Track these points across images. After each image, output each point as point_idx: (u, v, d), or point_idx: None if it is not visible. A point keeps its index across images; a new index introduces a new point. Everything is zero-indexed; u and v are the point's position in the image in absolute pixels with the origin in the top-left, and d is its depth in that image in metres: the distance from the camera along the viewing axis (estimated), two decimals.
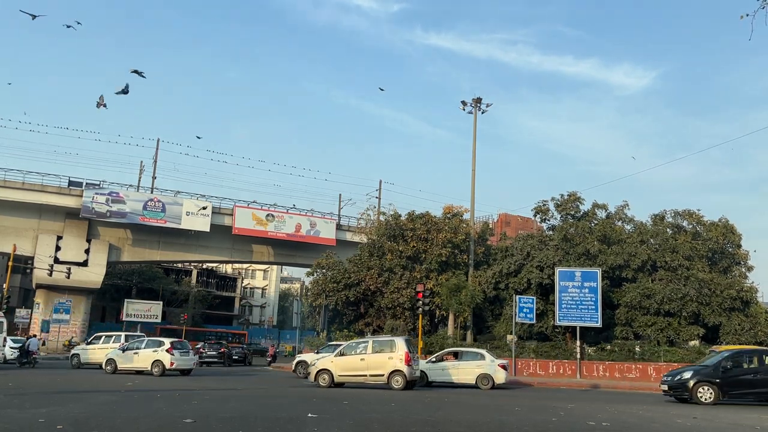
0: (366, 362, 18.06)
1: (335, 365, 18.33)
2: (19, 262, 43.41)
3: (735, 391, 15.87)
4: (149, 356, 22.21)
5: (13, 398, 12.31)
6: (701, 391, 15.55)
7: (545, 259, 30.60)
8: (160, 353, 21.99)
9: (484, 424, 9.90)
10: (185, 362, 22.84)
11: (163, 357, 21.85)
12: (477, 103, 35.43)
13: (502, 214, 57.00)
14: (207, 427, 8.47)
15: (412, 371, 17.64)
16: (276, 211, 48.93)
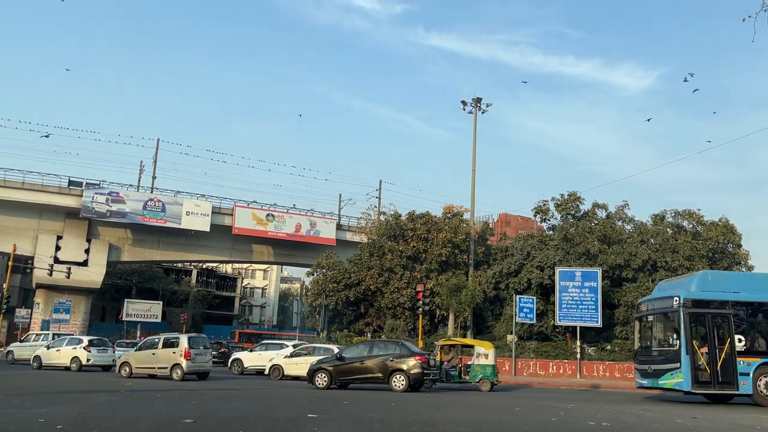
0: (156, 356, 20.36)
1: (133, 359, 20.82)
2: (19, 262, 43.40)
3: (343, 378, 17.51)
4: (69, 353, 24.23)
5: (13, 398, 12.30)
6: (318, 377, 17.56)
7: (545, 259, 30.61)
8: (78, 350, 24.12)
9: (484, 424, 9.90)
10: (103, 359, 24.87)
11: (81, 354, 23.98)
12: (477, 103, 35.44)
13: (502, 214, 57.03)
14: (207, 427, 8.47)
15: (190, 365, 19.79)
16: (276, 211, 48.92)
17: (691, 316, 15.12)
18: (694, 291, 15.80)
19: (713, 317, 15.20)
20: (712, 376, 14.76)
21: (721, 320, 15.20)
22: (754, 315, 15.65)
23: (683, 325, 15.04)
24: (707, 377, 14.77)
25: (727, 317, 15.11)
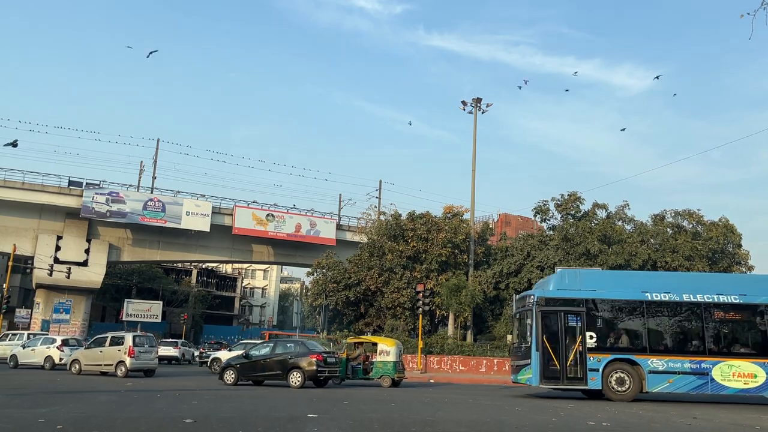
0: (103, 354, 21.25)
1: (83, 356, 21.80)
2: (19, 262, 43.41)
3: (248, 374, 18.34)
4: (43, 352, 25.08)
5: (13, 398, 12.31)
6: (227, 374, 18.47)
7: (545, 259, 30.62)
8: (51, 349, 24.96)
9: (484, 424, 9.90)
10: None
11: (54, 353, 24.76)
12: (477, 103, 35.45)
13: (502, 214, 57.04)
14: (207, 427, 8.47)
15: (134, 362, 20.60)
16: (276, 211, 48.91)
17: (543, 314, 15.62)
18: (550, 290, 16.36)
19: (566, 315, 15.58)
20: (561, 372, 15.23)
21: (574, 318, 15.53)
22: (606, 312, 16.00)
23: (535, 322, 15.61)
24: (556, 373, 15.24)
25: (579, 315, 15.50)
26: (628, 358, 15.26)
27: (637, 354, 15.33)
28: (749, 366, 14.97)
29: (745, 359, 15.08)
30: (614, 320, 16.11)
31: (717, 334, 15.72)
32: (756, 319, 15.59)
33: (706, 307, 15.60)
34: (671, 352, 15.50)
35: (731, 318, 15.82)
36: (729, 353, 15.34)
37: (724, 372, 14.96)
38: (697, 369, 15.04)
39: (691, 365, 15.10)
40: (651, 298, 15.71)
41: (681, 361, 15.15)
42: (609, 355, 15.24)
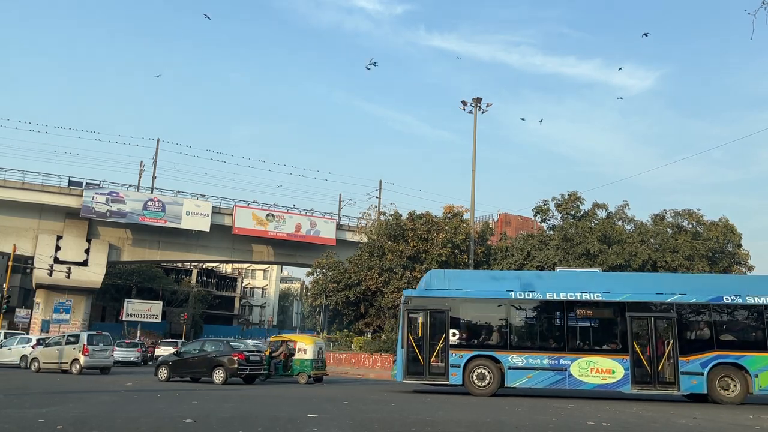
0: (60, 353, 22.08)
1: (41, 355, 22.71)
2: (19, 262, 43.41)
3: (179, 371, 19.20)
4: (19, 351, 25.89)
5: (13, 398, 12.31)
6: (161, 371, 19.32)
7: (545, 259, 30.60)
8: (27, 349, 25.67)
9: (484, 424, 9.90)
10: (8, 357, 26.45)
11: (29, 352, 25.14)
12: (477, 103, 35.42)
13: (502, 214, 57.04)
14: (207, 427, 8.47)
15: (88, 360, 21.59)
16: (276, 211, 48.92)
17: (409, 312, 16.27)
18: (420, 289, 17.23)
19: (431, 313, 16.17)
20: (425, 368, 15.84)
21: (439, 316, 16.12)
22: (470, 311, 16.50)
23: (401, 321, 16.41)
24: (420, 368, 15.87)
25: (444, 313, 16.09)
26: (489, 354, 15.77)
27: (498, 350, 15.80)
28: (607, 362, 15.33)
29: (603, 355, 15.45)
30: (477, 318, 16.63)
31: (577, 331, 16.07)
32: (616, 316, 15.89)
33: (567, 305, 15.97)
34: (532, 348, 15.92)
35: (591, 315, 16.17)
36: (588, 350, 15.69)
37: (582, 368, 15.35)
38: (556, 365, 15.48)
39: (549, 361, 15.55)
40: (514, 297, 16.20)
41: (540, 357, 15.62)
42: (471, 352, 15.81)
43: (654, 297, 15.80)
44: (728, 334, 15.65)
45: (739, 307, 15.58)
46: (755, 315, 15.50)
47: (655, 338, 15.42)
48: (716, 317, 15.62)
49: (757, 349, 15.09)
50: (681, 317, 15.54)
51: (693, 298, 15.70)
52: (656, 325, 15.52)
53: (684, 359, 15.08)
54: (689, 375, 14.98)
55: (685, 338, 15.39)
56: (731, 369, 14.99)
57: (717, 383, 14.95)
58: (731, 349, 15.22)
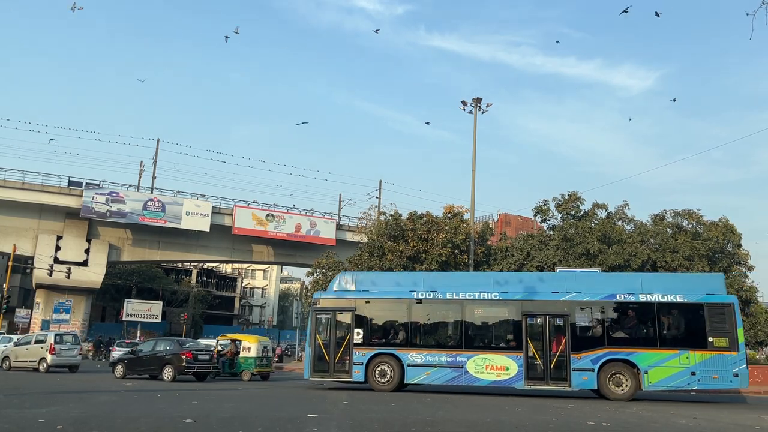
0: (29, 351, 22.95)
1: (12, 353, 23.52)
2: (19, 262, 43.41)
3: (134, 369, 20.25)
4: (1, 351, 25.99)
5: (13, 398, 12.31)
6: (117, 368, 20.45)
7: (545, 259, 30.61)
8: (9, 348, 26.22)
9: (484, 424, 9.90)
10: None
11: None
12: (477, 103, 35.43)
13: (502, 214, 57.09)
14: (207, 427, 8.46)
15: (55, 359, 22.51)
16: (276, 211, 48.93)
17: (317, 313, 16.98)
18: (330, 291, 17.91)
19: (338, 313, 16.83)
20: (330, 366, 16.52)
21: (345, 316, 16.76)
22: (373, 311, 17.03)
23: (310, 321, 17.18)
24: (325, 366, 16.55)
25: (350, 313, 16.70)
26: (391, 352, 16.32)
27: (399, 348, 16.32)
28: (502, 359, 15.76)
29: (498, 353, 15.92)
30: (380, 318, 17.20)
31: (474, 329, 16.55)
32: (511, 315, 16.28)
33: (465, 305, 16.41)
34: (431, 346, 16.45)
35: (488, 314, 16.69)
36: (484, 347, 16.16)
37: (477, 365, 15.83)
38: (453, 362, 15.97)
39: (447, 359, 16.05)
40: (415, 297, 16.69)
41: (438, 355, 16.14)
42: (373, 350, 16.40)
43: (550, 296, 16.14)
44: (620, 331, 15.89)
45: (631, 304, 15.79)
46: (647, 312, 15.69)
47: (549, 336, 15.76)
48: (609, 315, 15.89)
49: (648, 345, 15.33)
50: (574, 315, 15.81)
51: (587, 296, 15.99)
52: (550, 323, 15.86)
53: (576, 356, 15.38)
54: (580, 371, 15.29)
55: (577, 336, 15.66)
56: (622, 365, 15.22)
57: (608, 379, 15.21)
58: (622, 346, 15.47)
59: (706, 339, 15.01)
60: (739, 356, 14.85)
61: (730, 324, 15.05)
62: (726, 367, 14.77)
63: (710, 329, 15.03)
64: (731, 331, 14.99)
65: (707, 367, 14.82)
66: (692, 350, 14.97)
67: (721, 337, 14.95)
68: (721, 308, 15.22)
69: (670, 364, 14.97)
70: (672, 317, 15.79)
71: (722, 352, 14.85)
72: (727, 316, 15.13)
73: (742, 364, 14.84)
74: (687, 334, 15.45)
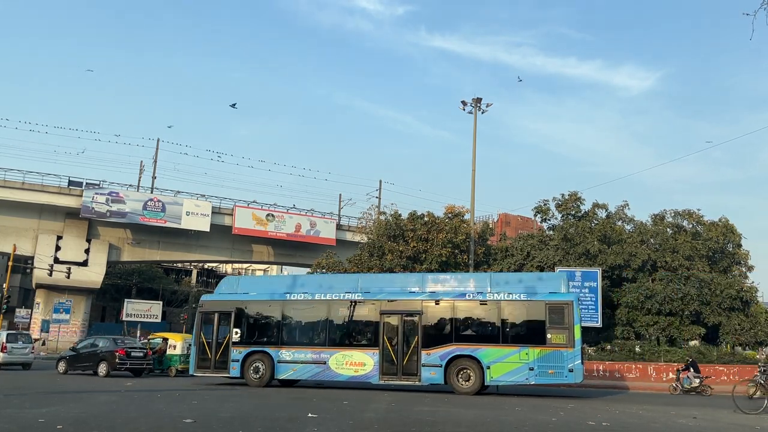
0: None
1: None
2: (19, 262, 43.42)
3: (75, 365, 21.56)
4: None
5: (13, 398, 12.31)
6: (60, 365, 22.02)
7: (545, 259, 30.63)
8: None
9: (484, 423, 9.90)
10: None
11: None
12: (477, 103, 35.45)
13: (502, 214, 57.11)
14: (207, 427, 8.47)
15: (7, 357, 23.47)
16: (276, 211, 48.92)
17: (202, 314, 18.23)
18: (215, 294, 19.37)
19: (220, 315, 18.02)
20: (212, 363, 17.79)
21: (226, 317, 17.95)
22: (251, 312, 18.23)
23: (196, 321, 18.43)
24: (207, 363, 17.82)
25: (230, 314, 17.87)
26: (263, 350, 17.49)
27: (271, 346, 17.44)
28: (360, 356, 16.66)
29: (357, 350, 16.83)
30: (257, 318, 18.38)
31: (337, 328, 17.48)
32: (371, 314, 17.07)
33: (329, 305, 17.44)
34: (299, 344, 17.60)
35: (351, 313, 17.52)
36: (346, 345, 17.13)
37: (338, 361, 16.78)
38: (317, 359, 16.99)
39: (312, 355, 17.12)
40: (287, 298, 17.77)
41: (305, 352, 17.26)
42: (249, 348, 17.52)
43: (406, 295, 16.99)
44: (467, 328, 16.58)
45: (479, 302, 16.49)
46: (492, 310, 16.35)
47: (403, 333, 16.56)
48: (458, 313, 16.51)
49: (492, 342, 15.98)
50: (427, 313, 16.58)
51: (440, 295, 16.77)
52: (405, 321, 16.63)
53: (426, 352, 16.14)
54: (429, 367, 16.01)
55: (428, 333, 16.41)
56: (467, 361, 15.86)
57: (456, 375, 15.88)
58: (468, 343, 16.12)
59: (545, 336, 15.60)
60: (574, 352, 15.30)
61: (567, 321, 15.51)
62: (562, 363, 15.29)
63: (549, 326, 15.61)
64: (568, 328, 15.46)
65: (544, 363, 15.38)
66: (532, 347, 15.56)
67: (558, 334, 15.50)
68: (560, 306, 15.69)
69: (511, 359, 15.60)
70: (515, 315, 16.37)
71: (559, 349, 15.37)
72: (565, 314, 15.59)
73: (577, 359, 15.27)
74: (528, 331, 16.07)
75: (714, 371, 25.92)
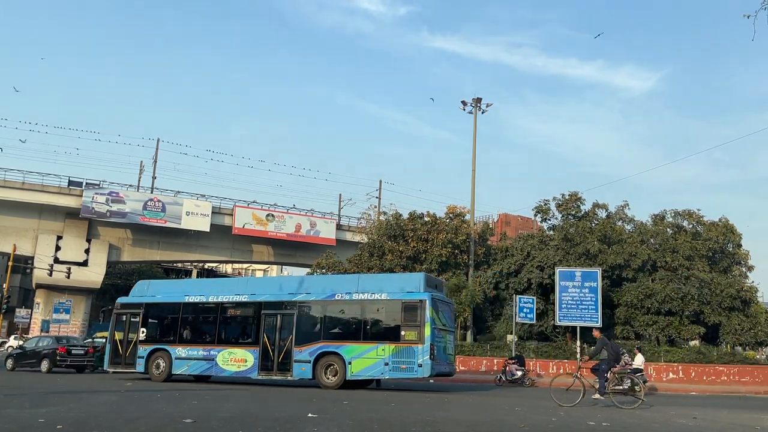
0: None
1: None
2: (19, 262, 43.43)
3: (21, 362, 22.99)
4: None
5: (13, 398, 12.31)
6: (8, 362, 23.15)
7: (545, 259, 30.62)
8: None
9: (484, 424, 9.90)
10: None
11: None
12: (477, 103, 35.48)
13: (502, 214, 57.16)
14: (207, 427, 8.46)
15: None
16: (276, 211, 48.94)
17: (116, 315, 20.14)
18: (130, 296, 20.92)
19: (131, 315, 19.69)
20: (122, 359, 19.48)
21: (135, 318, 19.59)
22: (156, 313, 19.85)
23: (111, 321, 20.51)
24: (119, 359, 19.53)
25: (138, 315, 19.53)
26: (163, 347, 18.87)
27: (170, 344, 18.93)
28: (243, 353, 17.95)
29: (241, 347, 18.13)
30: (160, 319, 19.97)
31: (225, 327, 18.98)
32: (254, 314, 18.41)
33: (220, 306, 18.83)
34: (193, 342, 18.91)
35: (237, 314, 19.10)
36: (232, 343, 18.50)
37: (224, 358, 18.07)
38: (207, 356, 18.33)
39: (203, 353, 18.47)
40: (185, 300, 19.22)
41: (197, 350, 18.62)
42: (152, 346, 19.08)
43: (285, 297, 18.15)
44: (335, 326, 17.62)
45: (345, 302, 17.52)
46: (356, 309, 17.47)
47: (280, 332, 17.74)
48: (327, 312, 17.69)
49: (354, 339, 17.03)
50: (301, 313, 17.72)
51: (312, 296, 17.90)
52: (282, 320, 17.81)
53: (298, 349, 17.29)
54: (300, 363, 17.15)
55: (301, 331, 17.50)
56: (333, 357, 16.91)
57: (323, 370, 16.91)
58: (334, 340, 17.19)
59: (400, 333, 16.52)
60: (424, 348, 16.04)
61: (420, 319, 16.30)
62: (413, 358, 16.10)
63: (403, 324, 16.52)
64: (420, 326, 16.25)
65: (398, 358, 16.27)
66: (388, 343, 16.48)
67: (411, 331, 16.33)
68: (414, 305, 16.49)
69: (369, 355, 16.56)
70: (376, 314, 17.38)
71: (411, 345, 16.22)
72: (418, 312, 16.36)
73: (426, 355, 15.96)
74: (385, 329, 17.02)
75: (714, 371, 25.98)
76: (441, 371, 16.74)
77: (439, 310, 17.06)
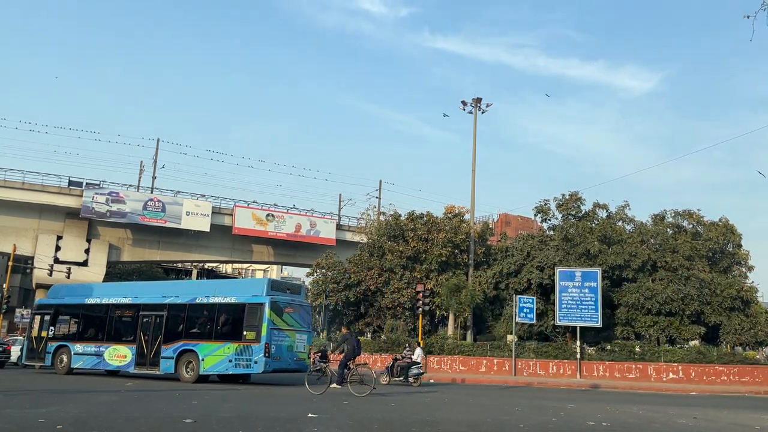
0: None
1: None
2: (19, 262, 43.37)
3: None
4: None
5: (13, 398, 12.31)
6: None
7: (545, 259, 30.59)
8: None
9: (484, 424, 9.90)
10: None
11: None
12: (477, 103, 35.45)
13: (502, 214, 57.08)
14: (207, 427, 8.46)
15: None
16: (276, 211, 48.91)
17: (34, 315, 22.77)
18: (47, 297, 23.42)
19: (44, 316, 22.09)
20: (35, 354, 21.66)
21: (48, 317, 21.94)
22: (63, 313, 22.20)
23: (30, 321, 23.31)
24: (34, 354, 21.76)
25: (49, 314, 21.96)
26: (66, 344, 21.16)
27: (71, 341, 21.12)
28: (124, 349, 19.93)
29: (124, 344, 20.05)
30: (66, 318, 22.25)
31: (112, 326, 20.86)
32: (135, 314, 20.19)
33: (109, 307, 20.95)
34: (88, 339, 20.92)
35: (123, 314, 20.89)
36: (117, 340, 20.38)
37: (110, 354, 20.16)
38: (98, 352, 20.44)
39: (95, 349, 20.56)
40: (84, 302, 21.47)
41: (90, 346, 20.73)
42: (58, 342, 21.31)
43: (158, 300, 19.96)
44: (193, 327, 19.20)
45: (203, 305, 19.15)
46: (211, 311, 18.92)
47: (153, 331, 19.55)
48: (190, 313, 19.33)
49: (207, 338, 18.59)
50: (169, 315, 19.52)
51: (180, 299, 19.56)
52: (155, 321, 19.69)
53: (165, 347, 19.06)
54: (166, 359, 18.91)
55: (169, 330, 19.31)
56: (191, 354, 18.57)
57: (183, 366, 18.55)
58: (192, 339, 18.80)
59: (242, 333, 18.09)
60: (260, 347, 17.59)
61: (259, 320, 17.85)
62: (251, 356, 17.68)
63: (246, 325, 18.10)
64: (258, 326, 17.82)
65: (239, 355, 17.89)
66: (233, 342, 18.09)
67: (251, 331, 17.93)
68: (255, 307, 18.06)
69: (218, 353, 18.17)
70: (225, 315, 18.76)
71: (250, 344, 17.81)
72: (257, 314, 17.92)
73: (261, 353, 17.51)
74: (232, 329, 18.44)
75: (714, 371, 25.97)
76: (281, 368, 18.07)
77: (283, 312, 18.53)
